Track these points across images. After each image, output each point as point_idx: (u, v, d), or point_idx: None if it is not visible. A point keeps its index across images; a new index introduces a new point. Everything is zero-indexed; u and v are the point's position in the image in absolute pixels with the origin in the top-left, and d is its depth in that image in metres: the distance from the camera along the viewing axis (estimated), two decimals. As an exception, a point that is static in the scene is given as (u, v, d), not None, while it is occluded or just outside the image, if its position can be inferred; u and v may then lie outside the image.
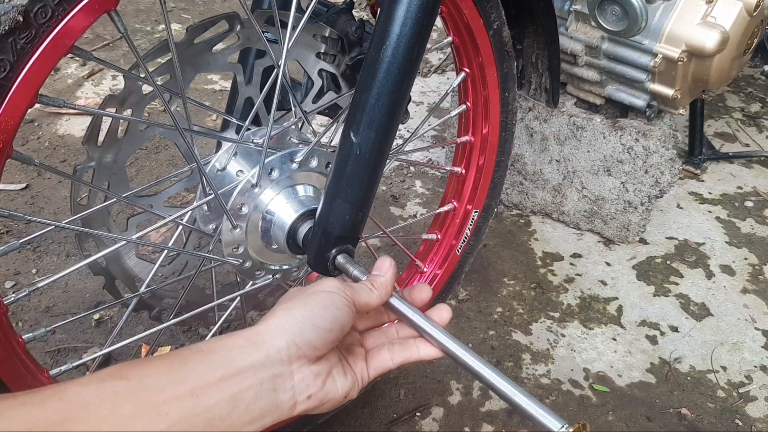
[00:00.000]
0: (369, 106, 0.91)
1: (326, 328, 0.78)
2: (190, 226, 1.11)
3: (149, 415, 0.65)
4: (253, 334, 0.76)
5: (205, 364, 0.72)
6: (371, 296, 0.87)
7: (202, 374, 0.70)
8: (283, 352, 0.75)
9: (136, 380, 0.67)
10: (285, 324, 0.77)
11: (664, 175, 1.97)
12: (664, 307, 1.94)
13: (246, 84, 1.18)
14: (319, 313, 0.78)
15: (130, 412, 0.65)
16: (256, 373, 0.73)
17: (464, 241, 1.53)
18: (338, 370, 0.83)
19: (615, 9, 1.73)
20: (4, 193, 2.13)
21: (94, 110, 0.93)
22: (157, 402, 0.66)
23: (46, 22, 0.75)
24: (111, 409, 0.64)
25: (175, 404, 0.67)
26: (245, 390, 0.72)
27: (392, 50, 0.90)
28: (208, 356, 0.73)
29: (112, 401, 0.65)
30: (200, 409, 0.68)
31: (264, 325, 0.78)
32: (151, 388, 0.67)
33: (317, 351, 0.78)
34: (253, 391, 0.72)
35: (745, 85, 3.08)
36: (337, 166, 0.95)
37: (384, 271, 0.89)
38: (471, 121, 1.43)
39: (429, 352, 0.90)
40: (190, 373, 0.70)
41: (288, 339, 0.76)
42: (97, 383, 0.66)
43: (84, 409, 0.63)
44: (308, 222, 1.05)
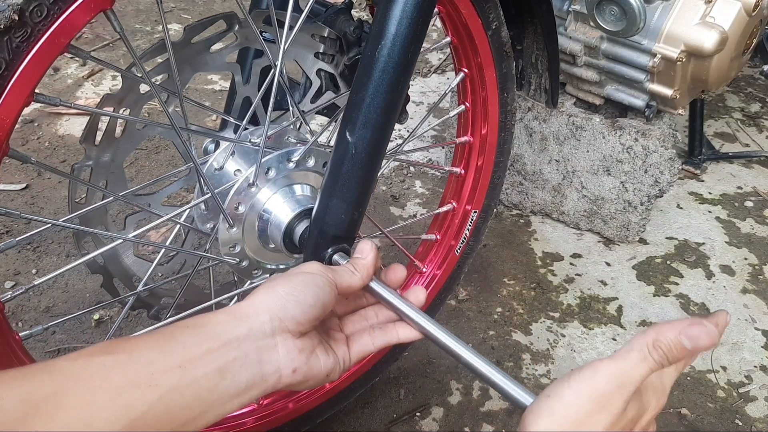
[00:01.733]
0: (365, 105, 0.92)
1: (309, 303, 0.79)
2: (187, 225, 1.11)
3: (139, 386, 0.66)
4: (237, 309, 0.77)
5: (191, 338, 0.72)
6: (353, 278, 0.88)
7: (188, 347, 0.71)
8: (267, 325, 0.76)
9: (124, 354, 0.68)
10: (268, 300, 0.78)
11: (663, 175, 1.97)
12: (664, 307, 1.93)
13: (244, 84, 1.18)
14: (301, 290, 0.79)
15: (121, 384, 0.65)
16: (241, 345, 0.74)
17: (463, 242, 1.52)
18: (321, 349, 0.83)
19: (613, 9, 1.73)
20: (4, 193, 2.13)
21: (91, 109, 0.93)
22: (146, 374, 0.67)
23: (42, 20, 0.75)
24: (101, 382, 0.65)
25: (164, 376, 0.68)
26: (231, 361, 0.72)
27: (388, 49, 0.90)
28: (194, 331, 0.73)
29: (101, 374, 0.65)
30: (188, 380, 0.69)
31: (247, 302, 0.79)
32: (140, 361, 0.68)
33: (300, 326, 0.78)
34: (239, 363, 0.73)
35: (745, 85, 3.08)
36: (333, 165, 0.95)
37: (365, 254, 0.90)
38: (470, 121, 1.43)
39: (408, 334, 0.91)
40: (176, 347, 0.71)
41: (271, 313, 0.77)
42: (85, 358, 0.67)
43: (74, 382, 0.64)
44: (305, 221, 1.05)
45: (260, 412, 1.37)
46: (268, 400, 1.38)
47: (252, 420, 1.36)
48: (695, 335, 0.70)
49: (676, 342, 0.70)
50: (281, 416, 1.39)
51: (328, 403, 1.47)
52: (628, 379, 0.70)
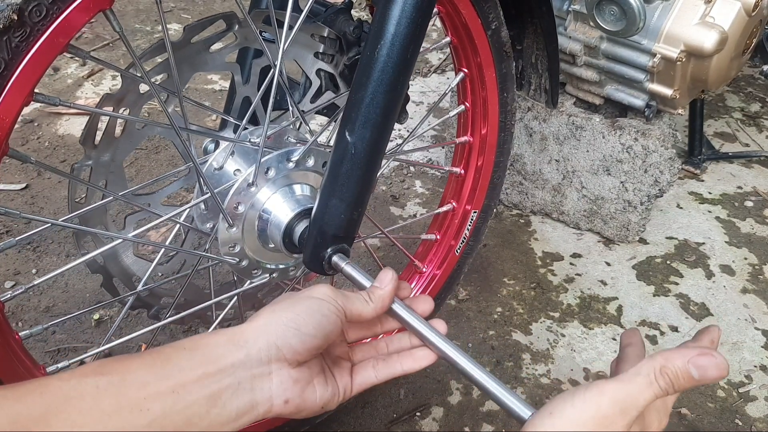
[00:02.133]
0: (364, 105, 0.92)
1: (310, 333, 0.78)
2: (187, 224, 1.11)
3: (130, 410, 0.66)
4: (236, 334, 0.77)
5: (187, 361, 0.72)
6: (366, 308, 0.86)
7: (183, 371, 0.71)
8: (263, 353, 0.75)
9: (117, 376, 0.68)
10: (268, 326, 0.77)
11: (663, 175, 1.97)
12: (664, 306, 1.93)
13: (243, 83, 1.18)
14: (304, 318, 0.78)
15: (112, 408, 0.65)
16: (236, 372, 0.73)
17: (463, 242, 1.52)
18: (320, 379, 0.82)
19: (613, 9, 1.73)
20: (4, 193, 2.13)
21: (90, 109, 0.93)
22: (138, 398, 0.67)
23: (41, 20, 0.75)
24: (92, 404, 0.65)
25: (156, 401, 0.68)
26: (224, 388, 0.72)
27: (387, 49, 0.90)
28: (191, 353, 0.73)
29: (93, 396, 0.65)
30: (180, 406, 0.69)
31: (247, 326, 0.78)
32: (133, 384, 0.68)
33: (298, 356, 0.77)
34: (232, 390, 0.73)
35: (745, 85, 3.08)
36: (333, 165, 0.95)
37: (384, 285, 0.88)
38: (470, 121, 1.43)
39: (411, 365, 0.90)
40: (172, 370, 0.71)
41: (269, 340, 0.76)
42: (78, 378, 0.66)
43: (65, 404, 0.64)
44: (304, 221, 1.05)
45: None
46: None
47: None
48: (704, 365, 0.68)
49: (684, 371, 0.69)
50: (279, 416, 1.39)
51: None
52: (633, 403, 0.69)
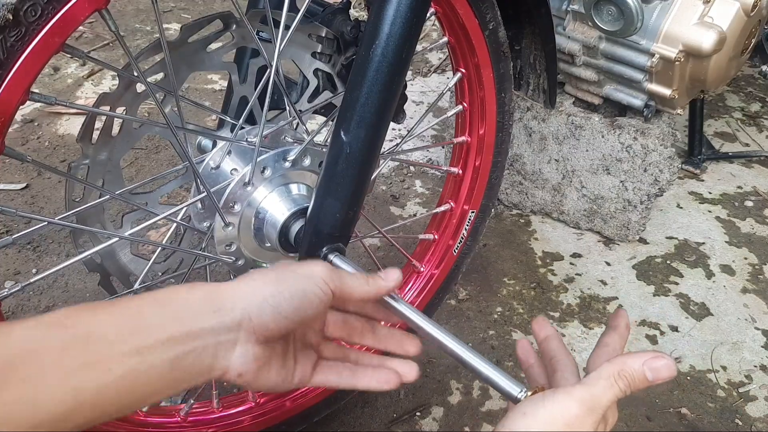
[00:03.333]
0: (359, 105, 0.92)
1: (287, 316, 0.76)
2: (184, 223, 1.11)
3: (94, 368, 0.65)
4: (214, 295, 0.75)
5: (157, 318, 0.71)
6: (362, 287, 0.84)
7: (151, 329, 0.70)
8: (235, 322, 0.74)
9: (82, 330, 0.67)
10: (249, 295, 0.76)
11: (663, 174, 1.97)
12: (664, 306, 1.93)
13: (241, 83, 1.18)
14: (285, 298, 0.77)
15: (75, 364, 0.64)
16: (203, 337, 0.72)
17: (461, 242, 1.53)
18: (277, 361, 0.81)
19: (611, 9, 1.73)
20: (5, 193, 2.13)
21: (88, 108, 0.94)
22: (102, 356, 0.66)
23: (36, 20, 0.76)
24: (55, 360, 0.64)
25: (120, 361, 0.67)
26: (189, 352, 0.71)
27: (382, 49, 0.90)
28: (162, 309, 0.72)
29: (56, 351, 0.64)
30: (144, 367, 0.68)
31: (228, 288, 0.76)
32: (98, 340, 0.67)
33: (267, 333, 0.76)
34: (195, 354, 0.72)
35: (745, 85, 3.07)
36: (328, 164, 0.95)
37: (388, 280, 0.87)
38: (467, 121, 1.44)
39: (375, 384, 0.88)
40: (139, 328, 0.69)
41: (245, 312, 0.75)
42: (44, 329, 0.65)
43: (28, 356, 0.63)
44: (300, 220, 1.05)
45: (257, 410, 1.37)
46: (265, 399, 1.38)
47: (248, 419, 1.36)
48: (657, 368, 0.75)
49: (639, 372, 0.75)
50: (278, 414, 1.40)
51: (325, 402, 1.47)
52: (598, 404, 0.74)
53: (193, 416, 1.32)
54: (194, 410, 1.32)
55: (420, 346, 0.92)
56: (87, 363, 0.65)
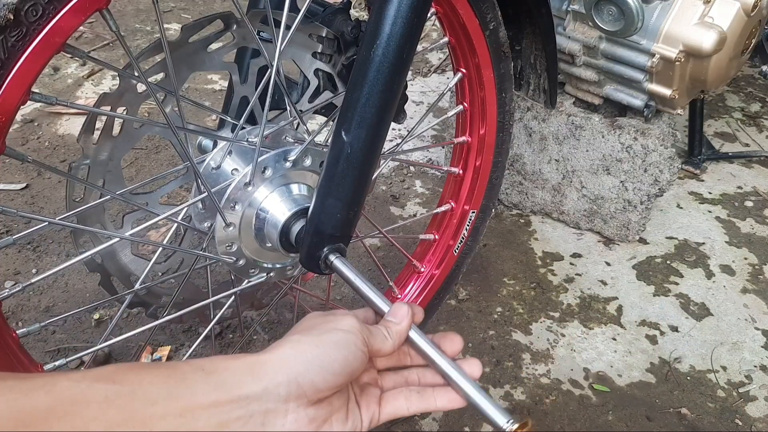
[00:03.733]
0: (360, 105, 0.92)
1: (335, 371, 0.75)
2: (185, 223, 1.11)
3: (134, 426, 0.64)
4: (257, 363, 0.73)
5: (202, 385, 0.69)
6: (385, 344, 0.83)
7: (196, 394, 0.68)
8: (282, 388, 0.72)
9: (128, 387, 0.66)
10: (292, 358, 0.74)
11: (663, 174, 1.97)
12: (664, 306, 1.93)
13: (241, 83, 1.18)
14: (330, 354, 0.75)
15: (116, 420, 0.63)
16: (249, 405, 0.70)
17: (461, 242, 1.53)
18: (340, 416, 0.79)
19: (611, 9, 1.73)
20: (5, 193, 2.13)
21: (88, 108, 0.94)
22: (145, 415, 0.65)
23: (37, 20, 0.76)
24: (97, 413, 0.63)
25: (162, 421, 0.65)
26: (234, 420, 0.69)
27: (383, 49, 0.90)
28: (207, 377, 0.70)
29: (100, 405, 0.63)
30: (185, 430, 0.67)
31: (270, 355, 0.75)
32: (142, 398, 0.66)
33: (319, 393, 0.74)
34: (241, 422, 0.70)
35: (745, 85, 3.07)
36: (329, 165, 0.95)
37: (399, 319, 0.86)
38: (468, 121, 1.43)
39: (446, 403, 0.87)
40: (184, 391, 0.68)
41: (290, 376, 0.73)
42: (89, 382, 0.65)
43: (70, 407, 0.62)
44: (301, 220, 1.05)
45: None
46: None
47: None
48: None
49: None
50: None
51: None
52: None
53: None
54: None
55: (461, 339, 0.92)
56: (128, 420, 0.64)
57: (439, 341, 0.90)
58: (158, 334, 1.73)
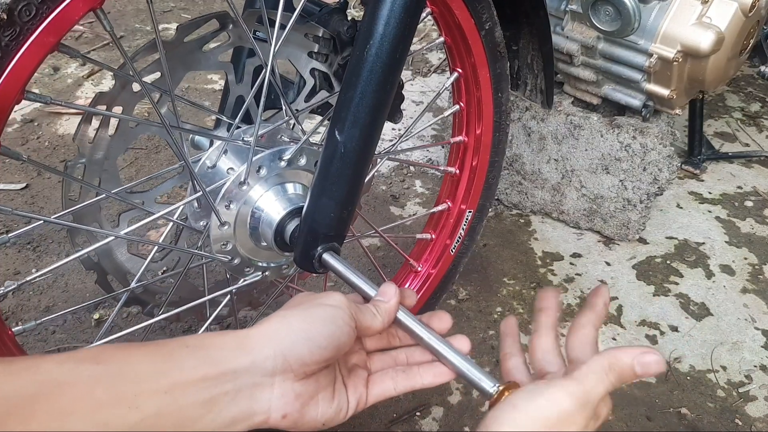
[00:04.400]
0: (353, 105, 0.92)
1: (321, 345, 0.75)
2: (180, 222, 1.12)
3: (121, 405, 0.64)
4: (244, 338, 0.74)
5: (189, 360, 0.69)
6: (374, 321, 0.83)
7: (183, 370, 0.68)
8: (269, 361, 0.72)
9: (114, 366, 0.66)
10: (278, 332, 0.74)
11: (662, 173, 1.97)
12: (664, 306, 1.93)
13: (237, 83, 1.18)
14: (317, 328, 0.75)
15: (103, 400, 0.63)
16: (237, 379, 0.71)
17: (458, 241, 1.53)
18: (326, 395, 0.79)
19: (608, 9, 1.73)
20: (4, 193, 2.14)
21: (84, 108, 0.94)
22: (132, 393, 0.65)
23: (30, 20, 0.76)
24: (84, 393, 0.63)
25: (149, 399, 0.65)
26: (222, 394, 0.70)
27: (376, 49, 0.90)
28: (194, 352, 0.70)
29: (86, 385, 0.63)
30: (173, 408, 0.67)
31: (257, 330, 0.75)
32: (129, 377, 0.66)
33: (306, 367, 0.74)
34: (230, 397, 0.70)
35: (745, 85, 3.07)
36: (323, 164, 0.96)
37: (388, 298, 0.87)
38: (464, 121, 1.44)
39: (432, 379, 0.88)
40: (171, 368, 0.68)
41: (277, 349, 0.73)
42: (74, 363, 0.65)
43: (57, 389, 0.62)
44: (296, 219, 1.05)
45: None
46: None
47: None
48: (647, 363, 0.75)
49: (630, 366, 0.75)
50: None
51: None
52: (589, 399, 0.73)
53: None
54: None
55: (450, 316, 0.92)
56: (115, 399, 0.64)
57: (428, 320, 0.91)
58: (158, 334, 1.73)
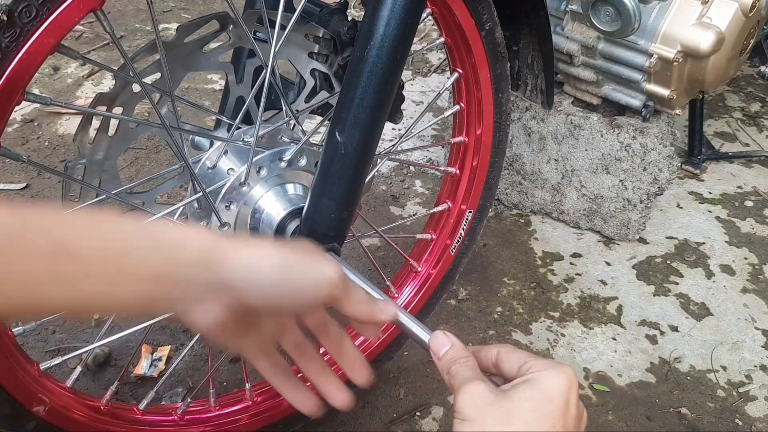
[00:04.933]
0: (354, 105, 0.92)
1: (274, 305, 0.71)
2: (180, 223, 1.12)
3: (61, 284, 0.61)
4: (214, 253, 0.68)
5: (147, 252, 0.66)
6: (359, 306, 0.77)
7: (135, 262, 0.65)
8: (222, 287, 0.68)
9: (69, 238, 0.63)
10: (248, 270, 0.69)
11: (662, 172, 1.97)
12: (664, 306, 1.93)
13: (237, 83, 1.18)
14: (284, 290, 0.70)
15: (44, 273, 0.60)
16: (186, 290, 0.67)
17: (458, 242, 1.53)
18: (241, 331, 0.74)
19: (608, 9, 1.73)
20: (5, 193, 2.14)
21: (83, 108, 0.94)
22: (76, 274, 0.62)
23: (30, 21, 0.76)
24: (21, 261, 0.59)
25: (92, 283, 0.62)
26: (164, 294, 0.66)
27: (377, 50, 0.91)
28: (155, 243, 0.66)
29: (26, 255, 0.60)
30: (114, 297, 0.64)
31: (231, 252, 0.69)
32: (77, 254, 0.62)
33: (244, 310, 0.70)
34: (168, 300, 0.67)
35: (745, 85, 3.07)
36: (323, 165, 0.96)
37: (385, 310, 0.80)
38: (465, 121, 1.44)
39: (292, 397, 0.83)
40: (124, 254, 0.64)
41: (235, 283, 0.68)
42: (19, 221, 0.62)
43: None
44: (296, 220, 1.06)
45: (254, 409, 1.38)
46: (262, 397, 1.39)
47: (246, 417, 1.37)
48: None
49: None
50: (275, 413, 1.40)
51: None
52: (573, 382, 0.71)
53: (189, 414, 1.32)
54: (191, 408, 1.33)
55: (369, 381, 0.84)
56: (57, 275, 0.61)
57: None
58: (158, 334, 1.73)
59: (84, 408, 1.15)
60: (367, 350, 1.52)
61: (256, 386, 1.40)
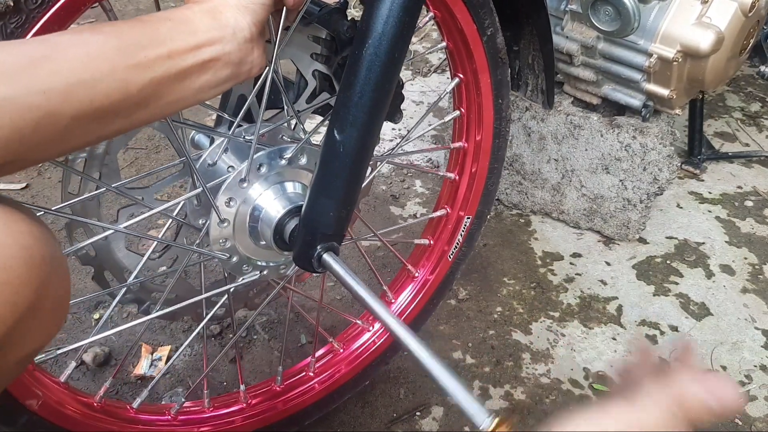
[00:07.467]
0: (352, 104, 0.92)
1: None
2: (179, 219, 1.12)
3: (137, 67, 0.72)
4: (218, 14, 0.81)
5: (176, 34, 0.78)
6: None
7: (175, 41, 0.77)
8: (247, 31, 0.82)
9: (113, 36, 0.74)
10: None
11: (662, 172, 1.97)
12: (664, 306, 1.93)
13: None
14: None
15: (117, 65, 0.71)
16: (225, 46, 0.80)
17: (456, 248, 1.52)
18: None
19: (608, 9, 1.73)
20: (4, 193, 2.14)
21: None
22: (141, 57, 0.73)
23: (37, 7, 0.77)
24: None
25: (157, 62, 0.74)
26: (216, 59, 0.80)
27: (375, 49, 0.91)
28: (177, 26, 0.78)
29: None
30: (176, 69, 0.76)
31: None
32: (132, 43, 0.74)
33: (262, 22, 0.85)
34: (223, 61, 0.81)
35: (745, 85, 3.07)
36: (322, 163, 0.96)
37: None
38: (464, 127, 1.44)
39: None
40: (163, 38, 0.76)
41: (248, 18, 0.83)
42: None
43: None
44: (295, 219, 1.06)
45: (248, 411, 1.38)
46: (257, 399, 1.39)
47: (240, 419, 1.37)
48: (724, 398, 0.68)
49: (703, 403, 0.68)
50: (270, 416, 1.40)
51: (317, 405, 1.47)
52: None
53: (183, 415, 1.32)
54: (185, 409, 1.33)
55: None
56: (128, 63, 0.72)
57: None
58: (158, 334, 1.73)
59: (77, 404, 1.15)
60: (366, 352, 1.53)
61: (251, 388, 1.41)
